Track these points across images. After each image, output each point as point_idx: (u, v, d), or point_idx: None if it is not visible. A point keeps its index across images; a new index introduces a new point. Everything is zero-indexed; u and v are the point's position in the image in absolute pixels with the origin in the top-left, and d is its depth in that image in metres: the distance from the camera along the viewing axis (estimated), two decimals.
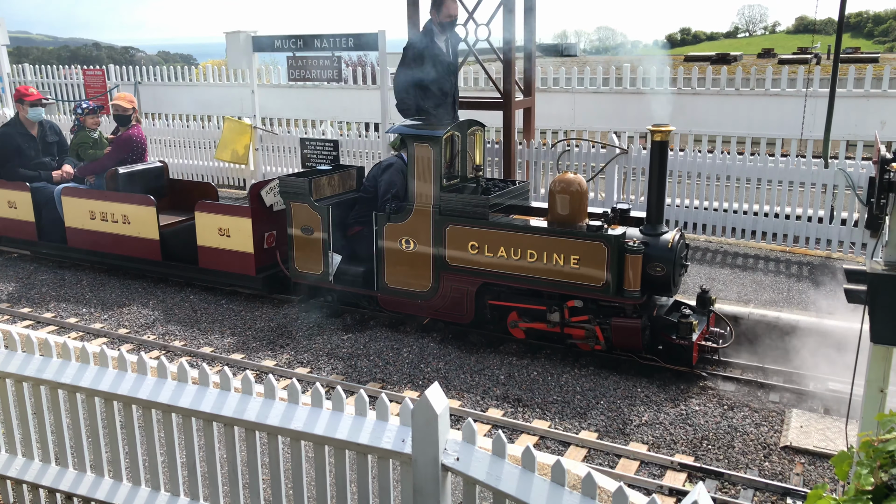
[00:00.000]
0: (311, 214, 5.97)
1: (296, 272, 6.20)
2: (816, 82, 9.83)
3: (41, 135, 7.87)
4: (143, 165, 7.63)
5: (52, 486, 3.30)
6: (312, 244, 6.03)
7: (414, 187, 5.55)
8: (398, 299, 5.80)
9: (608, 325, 5.17)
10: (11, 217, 7.87)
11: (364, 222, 6.03)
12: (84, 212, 7.37)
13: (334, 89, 13.84)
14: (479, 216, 5.39)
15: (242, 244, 6.50)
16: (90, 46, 79.24)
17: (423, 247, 5.60)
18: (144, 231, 7.06)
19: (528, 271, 5.28)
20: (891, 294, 2.62)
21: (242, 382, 2.90)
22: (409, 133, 5.53)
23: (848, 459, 1.64)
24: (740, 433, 4.35)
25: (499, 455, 2.42)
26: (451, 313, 5.64)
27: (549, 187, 5.34)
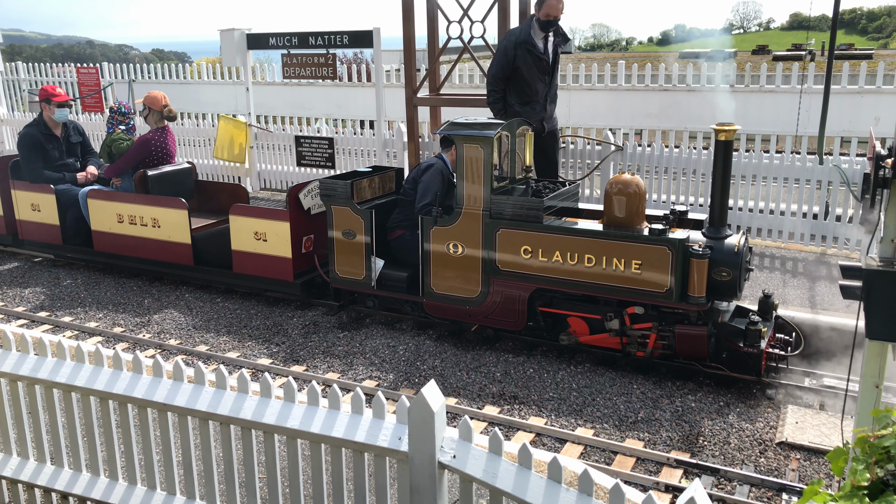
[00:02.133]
0: (352, 218, 5.79)
1: (336, 277, 6.02)
2: (811, 79, 9.85)
3: (65, 135, 7.64)
4: (172, 167, 7.39)
5: (48, 485, 3.29)
6: (354, 248, 5.85)
7: (462, 190, 5.33)
8: (445, 305, 5.59)
9: (670, 333, 4.95)
10: (35, 220, 7.64)
11: (406, 226, 5.88)
12: (111, 215, 7.15)
13: (329, 87, 13.81)
14: (533, 219, 5.15)
15: (280, 249, 6.30)
16: (84, 44, 78.91)
17: (471, 251, 5.39)
18: (175, 235, 6.84)
19: (585, 277, 5.04)
20: (886, 290, 2.62)
21: (238, 381, 2.89)
22: (458, 134, 5.31)
23: (844, 455, 1.64)
24: (736, 429, 4.36)
25: (495, 452, 2.42)
26: (500, 320, 5.41)
27: (605, 189, 5.14)
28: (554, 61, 7.17)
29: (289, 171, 10.61)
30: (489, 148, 5.19)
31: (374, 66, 9.64)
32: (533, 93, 7.03)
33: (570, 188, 5.72)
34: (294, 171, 10.48)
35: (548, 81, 7.14)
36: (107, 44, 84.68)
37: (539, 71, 7.03)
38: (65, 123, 7.60)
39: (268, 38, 9.59)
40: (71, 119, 7.77)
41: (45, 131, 7.47)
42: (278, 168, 10.74)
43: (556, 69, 7.21)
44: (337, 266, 5.97)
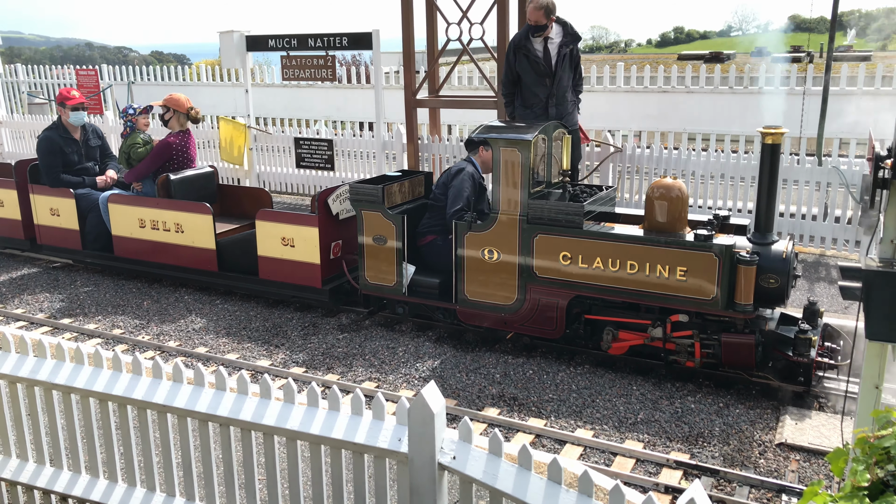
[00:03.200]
0: (384, 223, 5.64)
1: (366, 283, 5.85)
2: (810, 80, 9.86)
3: (84, 139, 7.50)
4: (194, 171, 7.24)
5: (47, 487, 3.29)
6: (385, 254, 5.69)
7: (499, 194, 5.19)
8: (479, 312, 5.45)
9: (715, 342, 4.80)
10: (54, 225, 7.50)
11: (437, 231, 5.77)
12: (133, 220, 7.01)
13: (328, 89, 13.82)
14: (573, 224, 5.00)
15: (308, 255, 6.15)
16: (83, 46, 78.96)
17: (507, 257, 5.24)
18: (199, 240, 6.70)
19: (627, 283, 4.90)
20: (886, 291, 2.62)
21: (238, 382, 2.89)
22: (495, 137, 5.16)
23: (844, 456, 1.64)
24: (736, 430, 4.36)
25: (495, 454, 2.42)
26: (537, 328, 5.28)
27: (647, 193, 5.00)
28: (557, 63, 7.10)
29: (288, 172, 10.61)
30: (527, 151, 5.04)
31: (373, 68, 9.64)
32: (533, 96, 7.03)
33: (608, 192, 5.57)
34: (293, 173, 10.49)
35: (549, 84, 7.11)
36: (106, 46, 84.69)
37: (537, 74, 7.02)
38: (83, 126, 7.47)
39: (267, 39, 9.60)
40: (89, 122, 7.66)
41: (63, 135, 7.34)
42: (277, 170, 10.75)
43: (559, 71, 7.11)
44: (367, 272, 5.82)
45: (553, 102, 7.16)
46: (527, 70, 7.02)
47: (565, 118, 7.22)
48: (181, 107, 7.17)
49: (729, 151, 8.00)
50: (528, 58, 6.97)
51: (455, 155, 9.23)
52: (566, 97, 7.10)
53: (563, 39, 7.10)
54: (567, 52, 7.09)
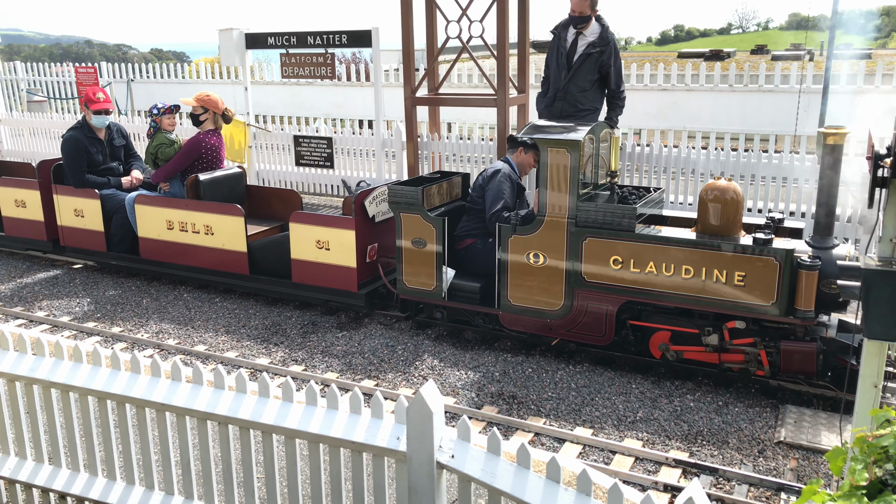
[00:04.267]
0: (423, 226, 5.49)
1: (404, 287, 5.70)
2: (810, 78, 9.86)
3: (108, 138, 7.34)
4: (223, 171, 7.03)
5: (46, 485, 3.29)
6: (424, 258, 5.54)
7: (545, 197, 5.03)
8: (523, 318, 5.30)
9: (774, 349, 4.65)
10: (78, 226, 7.33)
11: (476, 235, 5.63)
12: (160, 221, 6.84)
13: (328, 86, 13.81)
14: (625, 228, 4.84)
15: (344, 258, 6.00)
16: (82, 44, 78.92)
17: (554, 261, 5.08)
18: (230, 243, 6.53)
19: (682, 289, 4.74)
20: (884, 289, 2.62)
21: (236, 381, 2.89)
22: (542, 138, 4.99)
23: (842, 455, 1.64)
24: (735, 429, 4.36)
25: (494, 452, 2.42)
26: (585, 334, 5.13)
27: (700, 195, 4.83)
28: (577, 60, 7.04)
29: (287, 170, 10.61)
30: (576, 153, 4.89)
31: (372, 66, 9.63)
32: (553, 84, 7.09)
33: (657, 194, 5.40)
34: (293, 171, 10.48)
35: (563, 77, 7.08)
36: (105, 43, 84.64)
37: (558, 66, 7.07)
38: (108, 126, 7.35)
39: (266, 37, 9.59)
40: (114, 121, 7.50)
41: (88, 134, 7.19)
42: (277, 168, 10.74)
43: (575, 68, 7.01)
44: (405, 276, 5.66)
45: (560, 96, 7.11)
46: (553, 58, 7.12)
47: (566, 118, 7.20)
48: (217, 107, 7.01)
49: (729, 150, 7.99)
50: (557, 48, 7.04)
51: (454, 153, 9.22)
52: (577, 97, 6.96)
53: (594, 40, 7.01)
54: (594, 53, 6.95)
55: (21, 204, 7.68)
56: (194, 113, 7.03)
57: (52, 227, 7.57)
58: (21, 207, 7.69)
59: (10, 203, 7.75)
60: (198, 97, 7.04)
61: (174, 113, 7.25)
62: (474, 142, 9.08)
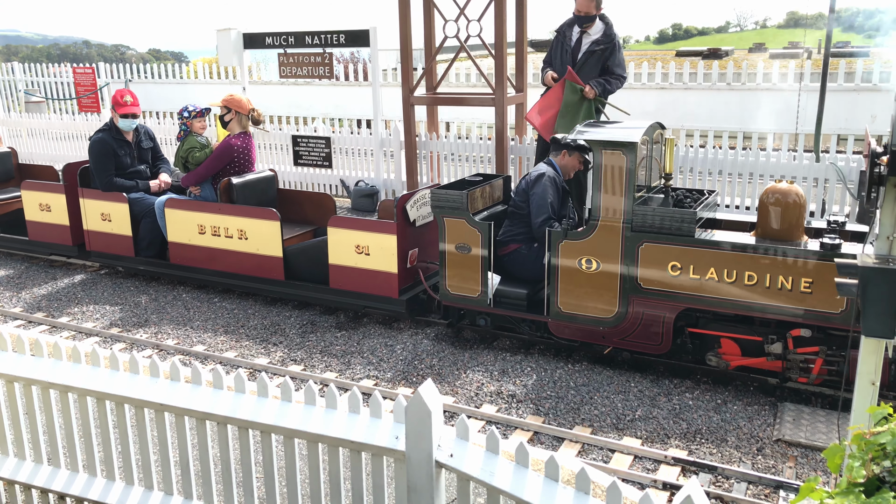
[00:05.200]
0: (468, 231, 5.32)
1: (446, 294, 5.51)
2: (807, 76, 9.86)
3: (136, 141, 7.17)
4: (255, 175, 6.86)
5: (45, 486, 3.29)
6: (469, 263, 5.36)
7: (599, 200, 4.86)
8: (574, 326, 5.12)
9: (841, 358, 4.47)
10: (105, 230, 7.14)
11: (521, 240, 5.47)
12: (192, 226, 6.66)
13: (326, 86, 13.82)
14: (684, 232, 4.65)
15: (385, 263, 5.82)
16: (80, 44, 78.91)
17: (608, 267, 4.90)
18: (265, 248, 6.37)
19: (744, 296, 4.55)
20: (882, 287, 2.63)
21: (235, 381, 2.89)
22: (597, 140, 4.81)
23: (840, 452, 1.65)
24: (733, 427, 4.37)
25: (492, 451, 2.42)
26: (640, 342, 4.95)
27: (760, 198, 4.66)
28: (581, 58, 7.10)
29: (286, 170, 10.61)
30: (632, 155, 4.70)
31: (370, 66, 9.63)
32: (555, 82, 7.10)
33: (712, 198, 5.24)
34: (291, 171, 10.48)
35: None
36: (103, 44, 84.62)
37: (562, 64, 7.11)
38: (136, 128, 7.18)
39: (264, 37, 9.59)
40: (141, 123, 7.34)
41: (116, 136, 7.00)
42: (275, 167, 10.74)
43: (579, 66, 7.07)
44: (448, 282, 5.48)
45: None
46: (557, 55, 7.16)
47: None
48: (243, 108, 6.80)
49: (727, 148, 8.00)
50: (562, 45, 7.09)
51: (453, 152, 9.22)
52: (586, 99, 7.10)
53: (598, 38, 7.10)
54: (598, 50, 7.06)
55: (46, 208, 7.48)
56: (221, 115, 6.88)
57: (77, 231, 7.39)
58: (46, 211, 7.48)
59: (34, 207, 7.55)
60: (224, 98, 6.88)
61: (204, 116, 7.03)
62: (472, 141, 9.09)
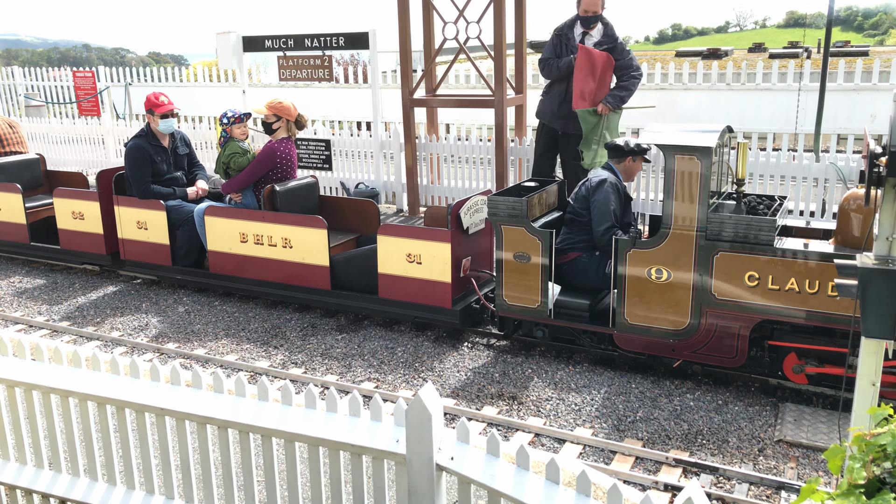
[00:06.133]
0: (528, 239, 5.12)
1: (503, 304, 5.33)
2: (807, 76, 9.86)
3: (172, 146, 6.99)
4: (298, 181, 6.66)
5: (46, 491, 3.29)
6: (528, 273, 5.16)
7: (671, 207, 4.66)
8: (642, 338, 4.94)
9: None
10: (141, 239, 6.95)
11: (581, 248, 5.30)
12: (233, 234, 6.47)
13: (325, 88, 13.82)
14: (763, 242, 4.45)
15: (438, 273, 5.62)
16: (80, 48, 79.02)
17: (680, 277, 4.71)
18: (311, 256, 6.17)
19: (828, 308, 4.35)
20: (881, 288, 2.63)
21: (236, 384, 2.89)
22: (669, 144, 4.60)
23: (841, 453, 1.65)
24: (735, 428, 4.36)
25: (493, 454, 2.42)
26: (713, 355, 4.75)
27: (841, 205, 4.49)
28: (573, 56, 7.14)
29: None
30: (707, 160, 4.51)
31: (370, 68, 9.63)
32: (558, 84, 7.13)
33: (784, 204, 5.04)
34: None
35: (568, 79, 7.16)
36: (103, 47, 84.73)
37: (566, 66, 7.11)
38: (171, 133, 7.00)
39: (263, 40, 9.60)
40: (178, 129, 7.15)
41: (153, 142, 6.82)
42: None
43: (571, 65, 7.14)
44: (505, 292, 5.29)
45: (567, 97, 7.20)
46: (551, 56, 7.15)
47: (572, 118, 7.24)
48: (290, 114, 6.60)
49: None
50: (566, 46, 7.10)
51: (453, 154, 9.23)
52: None
53: (600, 39, 7.13)
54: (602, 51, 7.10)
55: (79, 216, 7.28)
56: (266, 121, 6.66)
57: (111, 240, 7.20)
58: (79, 220, 7.29)
59: (66, 215, 7.35)
60: (269, 104, 6.65)
61: (244, 121, 6.80)
62: (472, 142, 9.09)
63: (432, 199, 9.42)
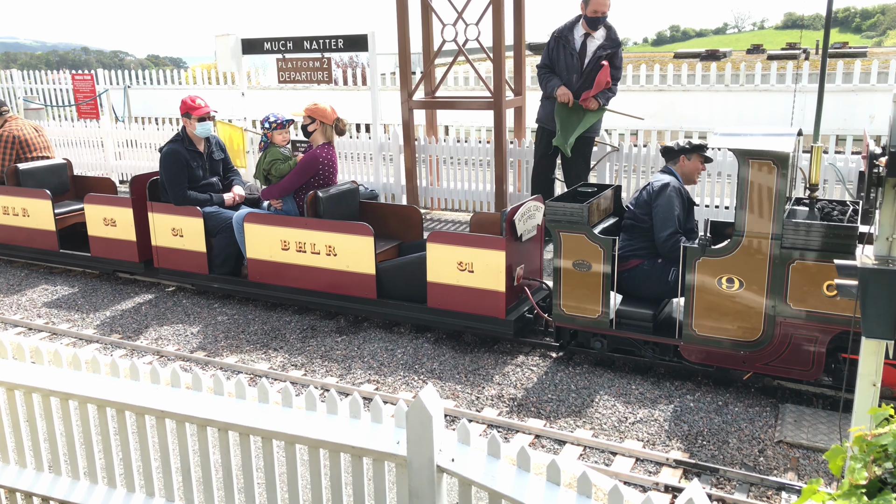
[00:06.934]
0: (589, 247, 4.95)
1: (560, 314, 5.15)
2: (805, 77, 9.88)
3: (207, 151, 6.83)
4: (339, 187, 6.40)
5: (47, 494, 3.28)
6: (588, 282, 4.99)
7: (744, 214, 4.47)
8: (710, 349, 4.74)
9: None
10: (176, 246, 6.75)
11: (642, 255, 5.10)
12: (274, 241, 6.26)
13: (325, 90, 13.83)
14: (843, 249, 4.24)
15: (491, 281, 5.43)
16: (79, 51, 79.01)
17: (753, 286, 4.52)
18: (356, 265, 5.97)
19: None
20: (882, 288, 2.63)
21: (236, 387, 2.89)
22: (744, 149, 4.39)
23: (842, 454, 1.65)
24: (735, 429, 4.36)
25: (494, 455, 2.42)
26: (788, 367, 4.58)
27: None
28: (589, 63, 7.16)
29: None
30: (784, 165, 4.34)
31: (369, 70, 9.64)
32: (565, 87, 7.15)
33: (852, 208, 4.84)
34: None
35: (575, 81, 7.18)
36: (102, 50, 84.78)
37: (567, 69, 7.12)
38: (207, 138, 6.82)
39: (262, 42, 9.60)
40: (213, 134, 6.95)
41: (189, 147, 6.65)
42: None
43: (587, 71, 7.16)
44: (563, 301, 5.12)
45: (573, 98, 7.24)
46: (560, 61, 7.17)
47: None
48: (328, 118, 6.36)
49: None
50: (565, 49, 7.09)
51: (452, 155, 9.23)
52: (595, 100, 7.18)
53: (603, 42, 7.16)
54: (604, 55, 7.12)
55: (111, 223, 7.08)
56: (304, 124, 6.45)
57: (145, 247, 7.01)
58: (111, 226, 7.09)
59: (98, 222, 7.16)
60: (307, 108, 6.44)
61: (286, 128, 6.59)
62: (471, 144, 9.09)
63: (432, 202, 9.43)
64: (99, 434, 3.20)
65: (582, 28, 7.18)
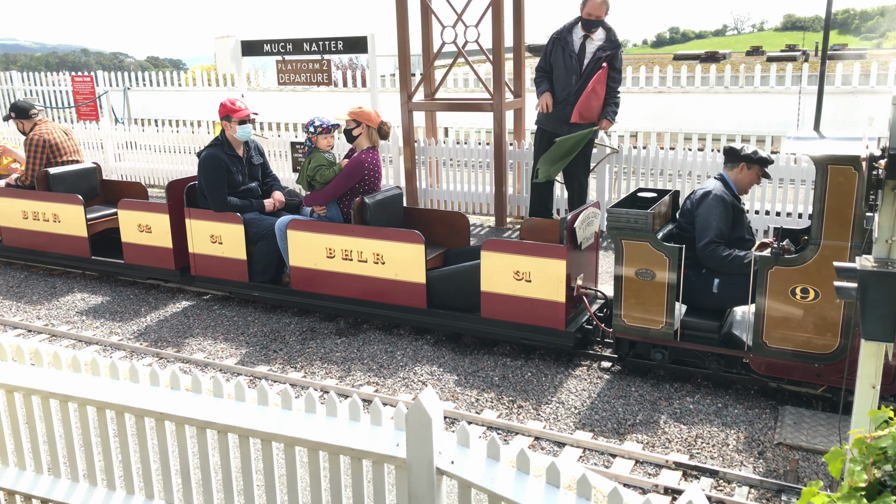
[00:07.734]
0: (653, 255, 4.78)
1: (621, 325, 4.98)
2: (805, 79, 9.89)
3: (247, 156, 6.62)
4: (384, 193, 6.20)
5: (46, 496, 3.28)
6: (652, 291, 4.82)
7: (821, 221, 4.31)
8: (782, 362, 4.58)
9: None
10: (215, 254, 6.56)
11: (689, 264, 4.90)
12: (319, 249, 6.06)
13: (324, 92, 13.84)
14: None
15: (550, 291, 5.22)
16: (79, 52, 79.08)
17: (830, 297, 4.34)
18: (405, 273, 5.76)
19: None
20: (881, 291, 2.63)
21: (235, 389, 2.89)
22: (821, 154, 4.21)
23: (841, 456, 1.65)
24: (734, 431, 4.36)
25: (493, 457, 2.42)
26: None
27: None
28: (588, 65, 7.18)
29: (284, 177, 10.62)
30: (862, 170, 4.15)
31: (369, 72, 9.65)
32: (560, 90, 7.15)
33: None
34: (290, 178, 10.49)
35: (574, 82, 7.19)
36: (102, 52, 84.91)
37: (566, 69, 7.12)
38: (246, 142, 6.64)
39: (262, 44, 9.61)
40: (252, 138, 6.79)
41: (228, 152, 6.44)
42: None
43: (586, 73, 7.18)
44: (624, 312, 4.96)
45: (571, 101, 7.24)
46: (559, 62, 7.18)
47: (575, 122, 7.29)
48: (372, 122, 6.15)
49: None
50: (563, 50, 7.10)
51: (451, 157, 9.23)
52: None
53: (602, 44, 7.17)
54: (604, 56, 7.14)
55: (146, 229, 6.89)
56: (347, 128, 6.23)
57: (181, 254, 6.82)
58: (146, 233, 6.90)
59: (132, 228, 6.96)
60: (351, 111, 6.24)
61: (331, 132, 6.35)
62: (471, 146, 9.10)
63: (431, 203, 9.43)
64: (98, 436, 3.20)
65: (580, 30, 7.21)
